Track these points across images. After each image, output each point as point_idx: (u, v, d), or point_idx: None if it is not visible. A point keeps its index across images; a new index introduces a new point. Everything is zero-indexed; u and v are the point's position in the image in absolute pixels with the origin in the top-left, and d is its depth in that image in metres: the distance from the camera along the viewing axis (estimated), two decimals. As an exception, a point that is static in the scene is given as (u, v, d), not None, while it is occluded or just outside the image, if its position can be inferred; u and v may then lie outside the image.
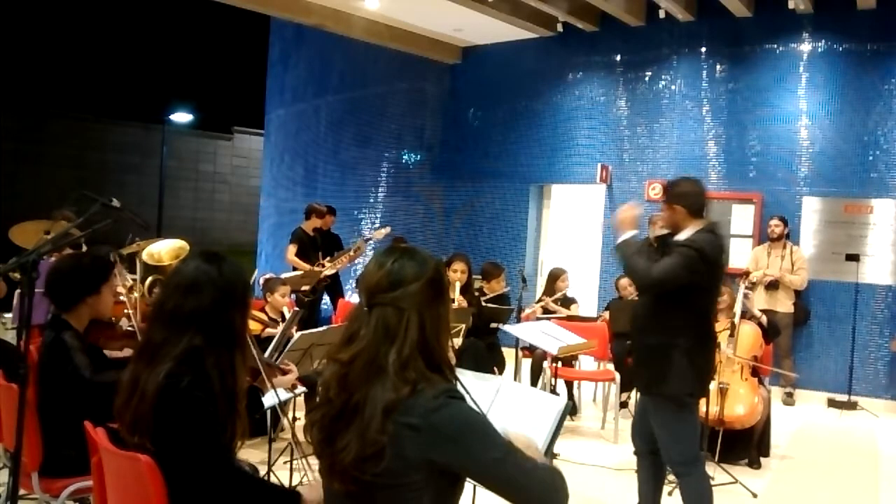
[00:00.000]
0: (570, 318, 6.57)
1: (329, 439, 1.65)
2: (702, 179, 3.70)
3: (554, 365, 5.56)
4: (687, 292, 3.32)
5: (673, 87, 8.23)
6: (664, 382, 3.37)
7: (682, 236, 3.45)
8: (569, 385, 6.50)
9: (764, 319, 5.45)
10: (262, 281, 6.21)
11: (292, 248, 7.83)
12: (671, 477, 3.84)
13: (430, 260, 1.73)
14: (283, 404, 3.76)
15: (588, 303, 8.28)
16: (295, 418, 4.62)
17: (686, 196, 3.46)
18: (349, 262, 7.71)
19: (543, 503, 1.65)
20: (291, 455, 4.13)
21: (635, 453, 3.76)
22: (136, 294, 4.57)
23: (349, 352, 1.66)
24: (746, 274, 5.55)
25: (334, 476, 1.65)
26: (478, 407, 1.70)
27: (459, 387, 1.69)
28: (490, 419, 1.68)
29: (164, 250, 4.53)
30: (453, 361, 1.74)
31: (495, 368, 5.77)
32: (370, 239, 8.87)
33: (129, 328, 3.51)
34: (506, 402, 2.46)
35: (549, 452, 2.40)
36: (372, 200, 10.71)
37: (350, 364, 1.65)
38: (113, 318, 3.44)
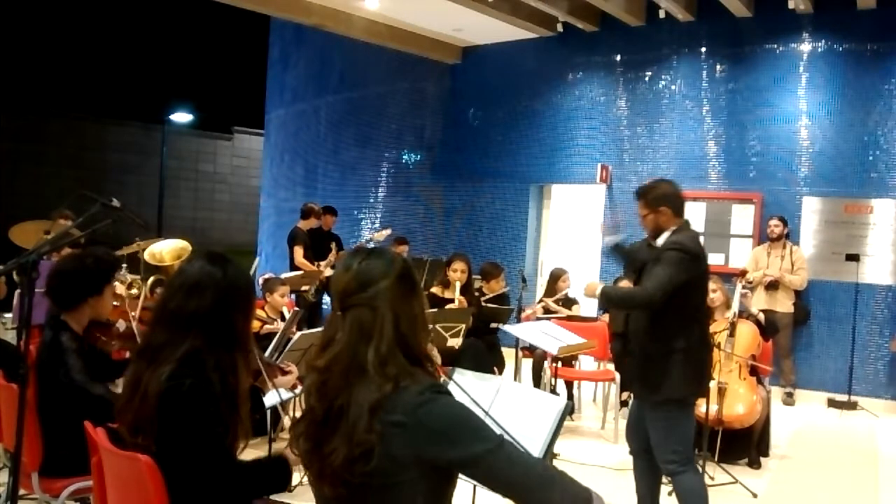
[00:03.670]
0: (571, 318, 6.57)
1: (316, 447, 1.64)
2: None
3: (554, 365, 5.57)
4: (680, 294, 3.35)
5: (673, 87, 8.23)
6: (666, 387, 3.37)
7: (661, 239, 3.49)
8: (569, 385, 6.50)
9: (761, 317, 5.44)
10: (261, 281, 6.20)
11: (299, 251, 7.74)
12: None
13: (396, 257, 1.74)
14: (284, 404, 3.77)
15: (588, 303, 8.27)
16: (295, 418, 4.61)
17: (669, 197, 3.53)
18: None
19: (541, 497, 1.57)
20: (291, 455, 4.12)
21: (630, 453, 3.77)
22: (134, 290, 4.56)
23: (325, 357, 1.65)
24: (743, 273, 5.55)
25: (324, 481, 1.63)
26: (474, 402, 1.69)
27: (450, 383, 1.68)
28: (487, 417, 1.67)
29: (166, 250, 4.52)
30: (438, 360, 1.74)
31: (495, 368, 5.78)
32: (370, 240, 8.85)
33: (129, 329, 3.50)
34: (506, 403, 2.46)
35: (549, 452, 2.40)
36: (372, 200, 10.71)
37: (328, 370, 1.64)
38: (110, 320, 3.42)
